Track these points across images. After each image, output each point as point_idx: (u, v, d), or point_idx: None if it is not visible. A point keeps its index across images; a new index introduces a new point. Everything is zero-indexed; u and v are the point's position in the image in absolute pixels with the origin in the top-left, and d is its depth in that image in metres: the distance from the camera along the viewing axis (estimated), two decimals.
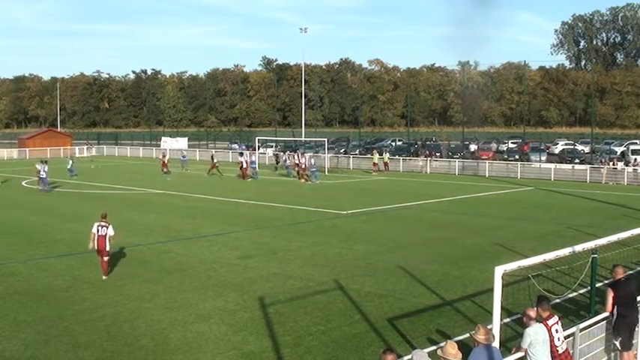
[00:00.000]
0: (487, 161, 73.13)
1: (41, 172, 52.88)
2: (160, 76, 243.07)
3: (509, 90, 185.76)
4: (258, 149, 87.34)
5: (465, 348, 11.55)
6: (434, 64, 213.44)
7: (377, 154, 75.05)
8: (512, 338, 15.05)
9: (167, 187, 55.48)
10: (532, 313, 12.44)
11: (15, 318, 19.27)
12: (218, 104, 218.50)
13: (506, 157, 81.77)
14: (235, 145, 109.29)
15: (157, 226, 35.79)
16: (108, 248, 24.65)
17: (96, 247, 24.66)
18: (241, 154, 69.48)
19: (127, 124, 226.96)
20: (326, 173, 69.70)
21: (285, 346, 16.71)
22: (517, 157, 79.25)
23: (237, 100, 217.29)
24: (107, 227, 24.82)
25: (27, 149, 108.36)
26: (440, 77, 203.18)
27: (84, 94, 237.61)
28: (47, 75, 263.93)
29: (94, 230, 24.80)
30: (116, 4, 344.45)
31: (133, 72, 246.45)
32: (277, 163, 75.32)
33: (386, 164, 73.55)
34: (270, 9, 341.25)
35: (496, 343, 11.98)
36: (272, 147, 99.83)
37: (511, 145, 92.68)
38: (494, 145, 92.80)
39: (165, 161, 67.26)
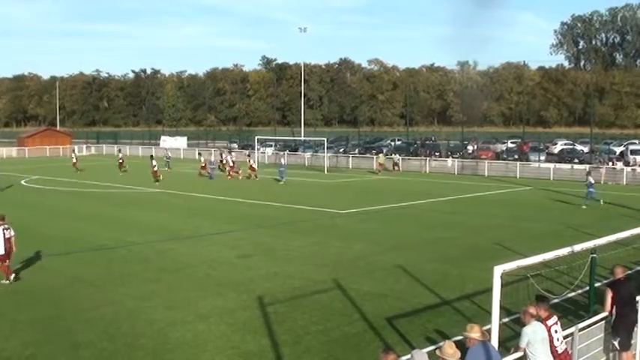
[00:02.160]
0: (486, 161, 73.11)
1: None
2: (159, 75, 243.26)
3: (509, 90, 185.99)
4: (258, 149, 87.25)
5: (464, 348, 11.54)
6: (433, 63, 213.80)
7: (382, 155, 75.39)
8: (511, 338, 15.05)
9: (166, 186, 55.49)
10: (532, 310, 12.41)
11: (14, 317, 19.29)
12: (217, 103, 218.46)
13: (505, 156, 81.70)
14: (235, 145, 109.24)
15: (156, 225, 35.81)
16: (14, 248, 24.03)
17: (3, 252, 23.56)
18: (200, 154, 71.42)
19: (126, 123, 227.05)
20: (325, 172, 69.75)
21: (284, 346, 16.73)
22: (516, 156, 79.20)
23: (236, 99, 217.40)
24: (10, 229, 24.01)
25: (26, 148, 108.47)
26: (439, 77, 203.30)
27: (83, 93, 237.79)
28: (46, 74, 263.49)
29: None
30: (115, 3, 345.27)
31: (133, 71, 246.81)
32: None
33: (395, 164, 73.37)
34: (269, 8, 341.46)
35: (495, 343, 11.98)
36: (271, 146, 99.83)
37: (510, 145, 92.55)
38: (498, 146, 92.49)
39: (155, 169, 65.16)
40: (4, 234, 23.71)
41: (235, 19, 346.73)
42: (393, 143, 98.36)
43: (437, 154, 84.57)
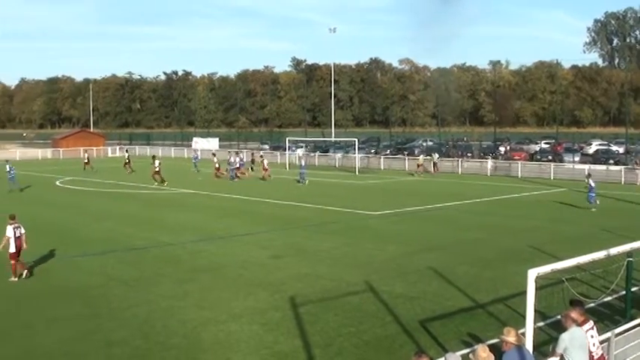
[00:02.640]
0: (519, 162, 72.60)
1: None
2: (190, 77, 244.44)
3: (542, 89, 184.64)
4: (288, 149, 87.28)
5: (498, 352, 11.45)
6: (465, 63, 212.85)
7: (422, 156, 74.77)
8: (546, 342, 14.92)
9: (199, 186, 55.67)
10: (574, 314, 12.27)
11: (50, 315, 19.48)
12: (248, 105, 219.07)
13: (538, 157, 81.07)
14: (266, 146, 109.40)
15: (188, 226, 35.93)
16: (25, 246, 24.54)
17: (14, 250, 24.06)
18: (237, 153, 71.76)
19: (158, 125, 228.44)
20: (356, 174, 69.62)
21: (316, 347, 16.69)
22: (550, 157, 78.59)
23: (267, 100, 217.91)
24: (20, 227, 24.60)
25: (60, 149, 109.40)
26: (471, 76, 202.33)
27: (116, 95, 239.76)
28: (80, 76, 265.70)
29: (10, 233, 24.19)
30: (148, 6, 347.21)
31: (164, 73, 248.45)
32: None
33: (435, 165, 72.38)
34: (299, 9, 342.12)
35: (529, 347, 11.87)
36: (302, 147, 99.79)
37: (543, 146, 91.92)
38: (531, 147, 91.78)
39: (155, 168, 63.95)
40: (14, 232, 24.16)
41: (265, 21, 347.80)
42: (424, 144, 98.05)
43: (469, 155, 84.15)
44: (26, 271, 24.40)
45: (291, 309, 19.95)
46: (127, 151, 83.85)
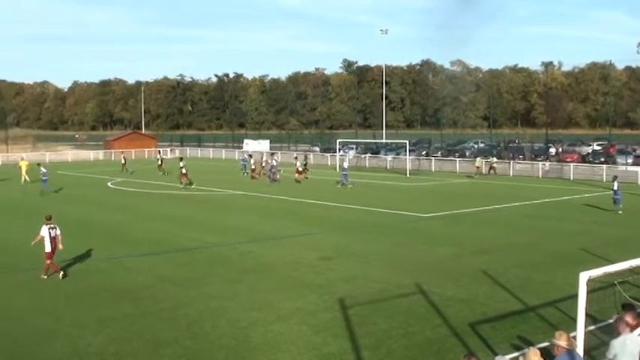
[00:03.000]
0: (571, 164, 71.79)
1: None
2: (242, 79, 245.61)
3: (594, 90, 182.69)
4: (339, 151, 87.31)
5: (549, 356, 11.30)
6: (517, 64, 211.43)
7: (480, 158, 74.02)
8: (597, 347, 14.72)
9: (247, 188, 55.87)
10: (629, 318, 12.04)
11: (99, 314, 19.65)
12: (299, 107, 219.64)
13: (591, 159, 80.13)
14: (316, 148, 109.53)
15: (238, 227, 36.07)
16: (61, 247, 25.14)
17: (49, 250, 24.61)
18: (250, 156, 71.57)
19: (209, 127, 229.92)
20: (407, 175, 69.38)
21: (364, 349, 16.64)
22: (602, 159, 77.61)
23: (318, 102, 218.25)
24: (56, 228, 25.09)
25: (112, 151, 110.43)
26: (523, 78, 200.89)
27: (167, 97, 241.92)
28: (132, 79, 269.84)
29: (45, 233, 24.73)
30: (199, 9, 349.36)
31: (216, 75, 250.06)
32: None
33: (492, 168, 71.47)
34: (350, 11, 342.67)
35: (580, 351, 11.71)
36: (352, 149, 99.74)
37: (596, 148, 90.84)
38: (584, 149, 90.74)
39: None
40: (49, 233, 24.69)
41: (317, 23, 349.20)
42: (475, 146, 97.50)
43: (520, 156, 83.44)
44: (62, 272, 24.68)
45: (340, 310, 19.93)
46: (159, 152, 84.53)
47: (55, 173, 71.10)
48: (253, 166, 66.49)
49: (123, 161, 77.41)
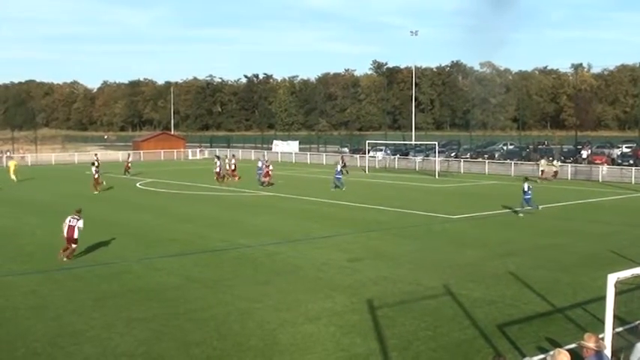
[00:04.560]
0: (600, 166, 71.38)
1: None
2: (271, 80, 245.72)
3: (624, 93, 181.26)
4: (368, 152, 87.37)
5: (577, 358, 11.35)
6: (546, 66, 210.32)
7: (544, 160, 70.51)
8: (625, 348, 14.71)
9: (275, 189, 56.01)
10: None
11: (129, 315, 19.80)
12: (329, 108, 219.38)
13: (620, 161, 79.58)
14: (346, 149, 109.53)
15: (267, 228, 36.21)
16: (76, 236, 27.69)
17: (65, 235, 27.63)
18: (218, 157, 69.46)
19: (238, 128, 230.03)
20: (436, 177, 69.28)
21: (392, 350, 16.71)
22: (631, 161, 77.04)
23: (347, 104, 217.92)
24: (78, 220, 27.76)
25: (141, 151, 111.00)
26: (552, 80, 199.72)
27: (197, 98, 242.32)
28: (161, 79, 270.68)
29: (67, 221, 27.83)
30: (229, 9, 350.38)
31: (245, 76, 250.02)
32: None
33: (556, 172, 68.29)
34: (380, 13, 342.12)
35: (608, 353, 11.73)
36: (381, 150, 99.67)
37: (625, 150, 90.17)
38: (613, 151, 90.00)
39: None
40: (69, 221, 27.77)
41: (346, 24, 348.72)
42: (505, 148, 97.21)
43: (550, 158, 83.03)
44: (66, 258, 27.57)
45: (368, 312, 20.00)
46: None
47: (83, 173, 71.76)
48: (218, 169, 64.76)
49: (128, 163, 76.29)
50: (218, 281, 24.10)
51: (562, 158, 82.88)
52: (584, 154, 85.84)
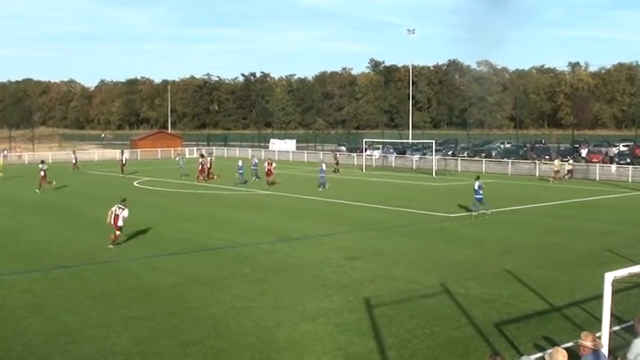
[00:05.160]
0: (597, 164, 71.38)
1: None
2: (268, 78, 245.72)
3: (621, 91, 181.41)
4: (365, 151, 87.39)
5: (574, 356, 11.35)
6: (543, 65, 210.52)
7: (558, 160, 68.18)
8: (622, 347, 14.72)
9: (274, 188, 56.01)
10: None
11: (126, 314, 19.80)
12: (326, 107, 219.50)
13: (617, 160, 79.57)
14: (343, 148, 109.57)
15: (264, 227, 36.18)
16: (120, 224, 30.39)
17: (112, 222, 30.43)
18: (202, 155, 69.49)
19: (235, 126, 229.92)
20: (433, 176, 69.32)
21: (390, 348, 16.71)
22: (628, 160, 77.06)
23: (344, 102, 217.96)
24: (123, 210, 30.68)
25: (138, 150, 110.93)
26: (549, 79, 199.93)
27: (194, 96, 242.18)
28: (158, 78, 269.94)
29: (112, 210, 30.78)
30: (226, 8, 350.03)
31: (242, 75, 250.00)
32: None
33: (570, 171, 66.13)
34: (377, 11, 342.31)
35: (605, 352, 11.73)
36: (378, 149, 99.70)
37: (622, 148, 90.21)
38: (611, 150, 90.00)
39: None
40: (114, 210, 30.57)
41: (344, 23, 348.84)
42: (502, 146, 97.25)
43: (547, 157, 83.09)
44: (111, 245, 30.16)
45: (365, 310, 20.00)
46: (122, 152, 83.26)
47: (79, 172, 71.82)
48: (200, 166, 64.86)
49: (123, 162, 75.88)
50: (215, 280, 24.09)
51: (559, 157, 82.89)
52: (583, 152, 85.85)
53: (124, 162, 75.39)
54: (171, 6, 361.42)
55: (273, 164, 60.65)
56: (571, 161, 70.81)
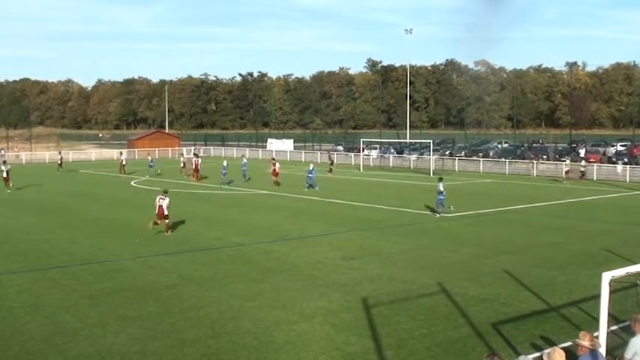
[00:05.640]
0: (595, 164, 71.41)
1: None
2: (266, 78, 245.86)
3: (618, 91, 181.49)
4: (362, 151, 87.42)
5: (572, 356, 11.34)
6: (541, 65, 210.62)
7: (569, 160, 68.33)
8: (620, 346, 14.71)
9: (272, 188, 55.99)
10: None
11: (123, 313, 19.76)
12: (323, 106, 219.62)
13: (614, 160, 79.65)
14: (340, 147, 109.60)
15: (262, 226, 36.16)
16: (166, 213, 33.75)
17: (157, 212, 33.79)
18: (196, 155, 69.92)
19: (233, 126, 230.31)
20: (431, 175, 69.30)
21: (387, 348, 16.69)
22: (626, 160, 77.15)
23: (342, 102, 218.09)
24: (164, 199, 33.96)
25: (136, 150, 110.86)
26: (547, 78, 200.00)
27: (191, 96, 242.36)
28: (156, 78, 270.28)
29: (156, 201, 34.28)
30: (224, 8, 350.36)
31: (240, 74, 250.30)
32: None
33: (582, 172, 65.47)
34: (375, 11, 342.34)
35: (602, 351, 11.72)
36: (376, 149, 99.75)
37: (620, 148, 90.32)
38: (607, 149, 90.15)
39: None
40: (158, 201, 34.17)
41: (341, 23, 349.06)
42: (499, 146, 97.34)
43: (544, 157, 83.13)
44: (167, 232, 33.78)
45: (363, 310, 19.98)
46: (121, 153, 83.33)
47: (77, 172, 71.76)
48: (183, 163, 66.18)
49: (123, 162, 75.71)
50: (212, 279, 24.07)
51: (556, 157, 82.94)
52: (582, 152, 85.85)
53: (123, 162, 75.25)
54: (168, 6, 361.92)
55: (277, 164, 60.38)
56: (584, 162, 69.96)
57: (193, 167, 65.21)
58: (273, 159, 64.96)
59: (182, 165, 68.18)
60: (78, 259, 27.61)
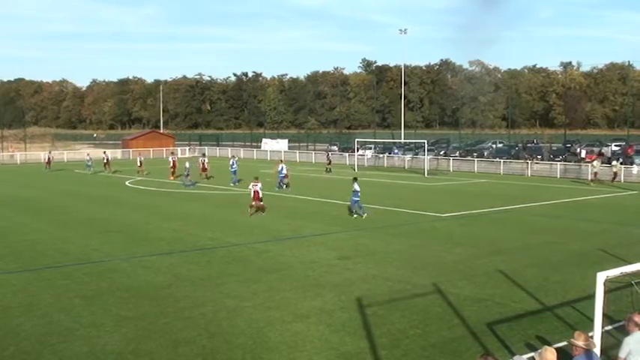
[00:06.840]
0: (590, 164, 71.38)
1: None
2: (260, 78, 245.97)
3: (613, 91, 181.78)
4: (357, 151, 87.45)
5: (567, 356, 11.35)
6: (535, 64, 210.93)
7: (597, 162, 64.93)
8: (614, 346, 14.71)
9: (266, 188, 55.98)
10: (638, 318, 12.08)
11: (117, 313, 19.74)
12: (318, 106, 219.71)
13: (610, 160, 79.63)
14: (335, 147, 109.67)
15: (256, 226, 36.14)
16: (260, 196, 40.61)
17: (253, 197, 40.33)
18: (203, 154, 72.22)
19: (228, 126, 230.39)
20: (425, 175, 69.39)
21: (382, 348, 16.69)
22: (620, 160, 77.16)
23: (336, 102, 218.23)
24: (257, 185, 40.60)
25: (130, 150, 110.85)
26: (542, 78, 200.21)
27: (186, 96, 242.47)
28: (150, 78, 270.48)
29: (250, 187, 41.02)
30: (218, 7, 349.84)
31: (234, 74, 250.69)
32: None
33: (615, 174, 62.50)
34: (369, 11, 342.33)
35: (597, 352, 11.73)
36: (370, 149, 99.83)
37: (614, 148, 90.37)
38: (602, 149, 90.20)
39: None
40: (252, 187, 40.72)
41: (336, 22, 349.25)
42: (494, 146, 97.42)
43: (539, 157, 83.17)
44: (263, 212, 40.33)
45: (357, 310, 19.98)
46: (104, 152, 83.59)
47: (72, 171, 71.66)
48: (202, 165, 66.53)
49: (105, 160, 77.83)
50: (207, 279, 24.05)
51: (551, 157, 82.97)
52: (583, 152, 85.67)
53: (105, 161, 77.30)
54: (162, 5, 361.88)
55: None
56: (615, 163, 67.24)
57: (201, 167, 66.37)
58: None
59: (171, 165, 68.02)
60: (72, 259, 27.59)
